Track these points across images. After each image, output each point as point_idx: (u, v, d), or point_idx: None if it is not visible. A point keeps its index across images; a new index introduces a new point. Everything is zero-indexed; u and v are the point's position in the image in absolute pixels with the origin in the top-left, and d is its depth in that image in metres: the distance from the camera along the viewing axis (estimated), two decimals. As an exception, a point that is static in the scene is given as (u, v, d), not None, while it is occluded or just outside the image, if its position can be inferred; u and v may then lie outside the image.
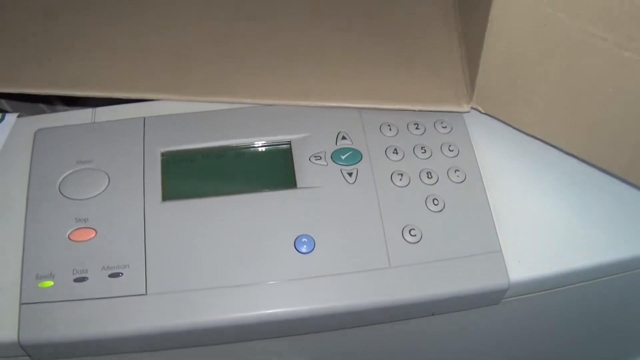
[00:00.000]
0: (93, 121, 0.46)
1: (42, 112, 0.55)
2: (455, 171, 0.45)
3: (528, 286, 0.43)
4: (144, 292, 0.40)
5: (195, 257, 0.41)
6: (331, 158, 0.45)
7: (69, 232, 0.41)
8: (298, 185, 0.44)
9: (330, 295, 0.40)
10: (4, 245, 0.41)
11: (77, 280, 0.40)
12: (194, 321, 0.39)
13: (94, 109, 0.47)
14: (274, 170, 0.45)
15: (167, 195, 0.43)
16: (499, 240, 0.43)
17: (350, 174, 0.44)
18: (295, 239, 0.41)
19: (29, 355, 0.40)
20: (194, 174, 0.44)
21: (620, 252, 0.43)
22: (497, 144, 0.47)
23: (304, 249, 0.41)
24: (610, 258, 0.43)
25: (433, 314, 0.43)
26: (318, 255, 0.41)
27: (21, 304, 0.39)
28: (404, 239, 0.42)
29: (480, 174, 0.45)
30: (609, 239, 0.43)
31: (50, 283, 0.40)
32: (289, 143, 0.45)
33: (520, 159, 0.46)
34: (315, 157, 0.45)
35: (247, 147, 0.45)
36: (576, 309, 0.49)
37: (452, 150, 0.46)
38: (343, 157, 0.44)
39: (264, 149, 0.45)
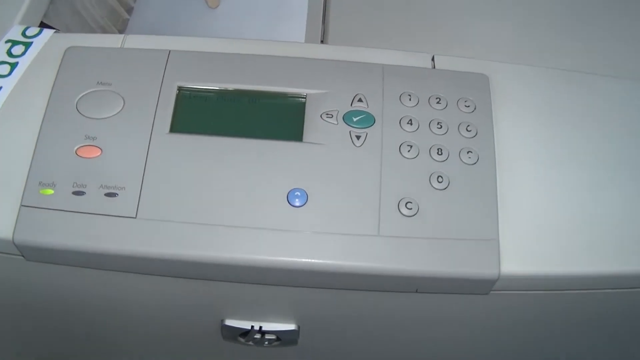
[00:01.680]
0: (122, 46, 0.47)
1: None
2: (467, 152, 0.43)
3: (520, 281, 0.41)
4: (134, 216, 0.41)
5: (189, 191, 0.41)
6: (343, 118, 0.44)
7: (76, 147, 0.43)
8: (304, 140, 0.43)
9: (313, 252, 0.40)
10: (16, 147, 0.43)
11: (75, 193, 0.41)
12: (176, 252, 0.40)
13: (125, 35, 0.48)
14: (284, 121, 0.44)
15: (175, 128, 0.43)
16: (498, 228, 0.41)
17: (358, 137, 0.43)
18: (289, 191, 0.41)
19: (22, 255, 0.42)
20: (205, 111, 0.44)
21: (624, 266, 0.40)
22: (520, 131, 0.44)
23: (296, 202, 0.41)
24: (613, 270, 0.40)
25: (417, 291, 0.42)
26: (308, 211, 0.41)
27: (21, 205, 0.41)
28: (399, 210, 0.41)
29: (495, 160, 0.43)
30: (616, 251, 0.41)
31: (50, 191, 0.41)
32: (305, 97, 0.45)
33: (541, 150, 0.44)
34: (327, 114, 0.44)
35: (263, 94, 0.45)
36: (570, 316, 0.47)
37: (469, 131, 0.44)
38: (355, 119, 0.44)
39: (278, 99, 0.45)
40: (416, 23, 0.57)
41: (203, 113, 0.44)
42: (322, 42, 0.57)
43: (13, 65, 0.46)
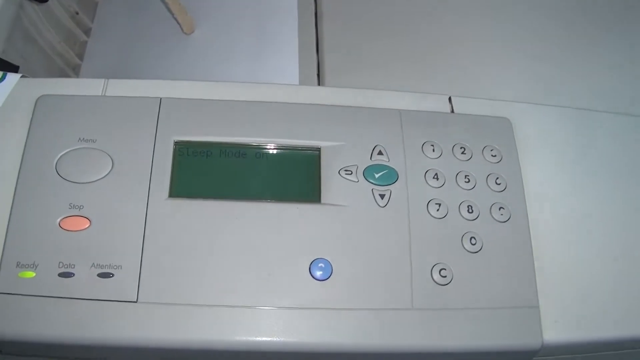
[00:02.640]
0: (104, 94, 0.41)
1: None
2: (499, 208, 0.40)
3: (562, 349, 0.38)
4: (135, 299, 0.35)
5: (197, 267, 0.36)
6: (363, 174, 0.39)
7: (60, 219, 0.36)
8: (322, 201, 0.39)
9: (341, 331, 0.36)
10: (-14, 223, 0.37)
11: (62, 275, 0.35)
12: (185, 339, 0.35)
13: (106, 80, 0.42)
14: (298, 179, 0.40)
15: (175, 192, 0.38)
16: (537, 294, 0.38)
17: (382, 196, 0.39)
18: (312, 263, 0.37)
19: (-1, 350, 0.36)
20: (209, 170, 0.39)
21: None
22: (550, 181, 0.41)
23: (319, 275, 0.37)
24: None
25: (452, 365, 0.39)
26: (334, 284, 0.37)
27: (-3, 293, 0.35)
28: (433, 278, 0.37)
29: (527, 215, 0.40)
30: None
31: (31, 274, 0.35)
32: (319, 150, 0.40)
33: (574, 202, 0.41)
34: (345, 170, 0.39)
35: (271, 147, 0.40)
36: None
37: (499, 184, 0.40)
38: (377, 176, 0.39)
39: (290, 152, 0.40)
40: (412, 57, 0.53)
41: (206, 172, 0.39)
42: (318, 76, 0.52)
43: None
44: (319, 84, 0.50)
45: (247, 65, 0.54)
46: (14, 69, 0.49)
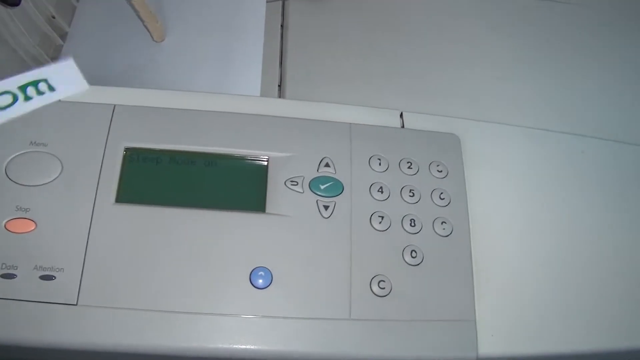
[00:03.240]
0: (58, 99, 0.42)
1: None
2: (442, 223, 0.40)
3: (498, 363, 0.39)
4: (74, 302, 0.36)
5: (139, 272, 0.37)
6: (309, 186, 0.40)
7: (5, 221, 0.37)
8: (267, 210, 0.39)
9: (278, 339, 0.36)
10: None
11: (4, 275, 0.36)
12: (121, 344, 0.35)
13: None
14: (245, 188, 0.40)
15: (121, 197, 0.39)
16: (474, 308, 0.39)
17: (326, 207, 0.40)
18: (252, 271, 0.37)
19: (-62, 348, 0.36)
20: (156, 177, 0.40)
21: (601, 344, 0.39)
22: (494, 197, 0.42)
23: (259, 283, 0.37)
24: (588, 347, 0.39)
25: (389, 376, 0.39)
26: (273, 293, 0.37)
27: (-63, 292, 0.35)
28: (371, 290, 0.38)
29: (469, 231, 0.41)
30: (594, 328, 0.39)
31: (-27, 275, 0.36)
32: (267, 161, 0.41)
33: (517, 218, 0.42)
34: (291, 181, 0.40)
35: (221, 156, 0.41)
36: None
37: (443, 199, 0.41)
38: (322, 187, 0.40)
39: (238, 161, 0.41)
40: (373, 73, 0.54)
41: (154, 179, 0.40)
42: (279, 87, 0.53)
43: None
44: (279, 96, 0.51)
45: (212, 75, 0.55)
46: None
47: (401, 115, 0.45)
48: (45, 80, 0.40)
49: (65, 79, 0.41)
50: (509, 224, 0.42)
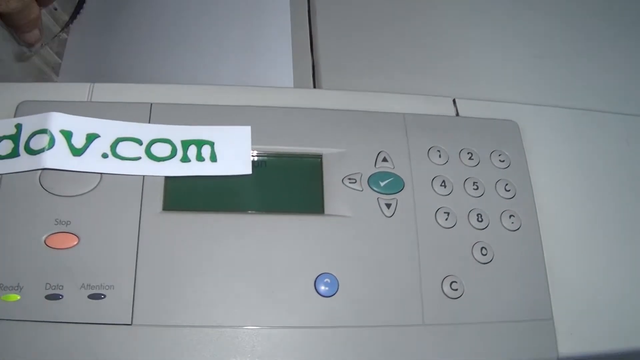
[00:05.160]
0: (89, 99, 0.38)
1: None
2: (510, 216, 0.38)
3: (577, 362, 0.37)
4: (129, 322, 0.33)
5: (195, 285, 0.34)
6: (368, 183, 0.37)
7: (45, 236, 0.34)
8: (326, 211, 0.37)
9: (349, 350, 0.34)
10: (-36, 241, 0.34)
11: (49, 297, 0.33)
12: (185, 364, 0.33)
13: (92, 84, 0.39)
14: (300, 188, 0.37)
15: (169, 204, 0.36)
16: (551, 305, 0.36)
17: (388, 205, 0.37)
18: (317, 278, 0.35)
19: (-19, 378, 0.33)
20: (205, 181, 0.37)
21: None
22: (560, 187, 0.40)
23: (325, 291, 0.35)
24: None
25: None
26: (340, 300, 0.35)
27: (-22, 318, 0.32)
28: (443, 292, 0.36)
29: (538, 223, 0.38)
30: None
31: (16, 297, 0.33)
32: (320, 157, 0.38)
33: (588, 210, 0.40)
34: (349, 179, 0.37)
35: (270, 155, 0.38)
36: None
37: (508, 190, 0.39)
38: (382, 184, 0.37)
39: (289, 160, 0.38)
40: (411, 56, 0.51)
41: (201, 183, 0.37)
42: (313, 77, 0.50)
43: None
44: (314, 86, 0.48)
45: (238, 68, 0.51)
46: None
47: (454, 102, 0.42)
48: (212, 145, 0.36)
49: (233, 150, 0.37)
50: (577, 215, 0.39)
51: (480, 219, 0.38)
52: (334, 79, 0.48)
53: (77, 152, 0.35)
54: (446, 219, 0.37)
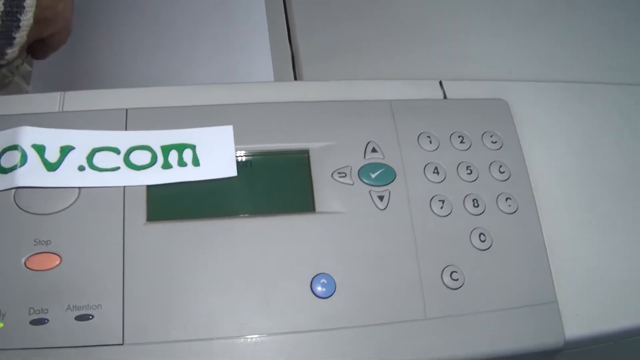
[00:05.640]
0: (61, 109, 0.37)
1: None
2: (506, 199, 0.37)
3: (585, 343, 0.36)
4: (121, 342, 0.31)
5: (187, 297, 0.32)
6: (358, 176, 0.36)
7: (25, 258, 0.32)
8: (317, 209, 0.35)
9: (352, 351, 0.33)
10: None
11: (34, 322, 0.31)
12: (182, 380, 0.31)
13: (62, 93, 0.37)
14: (288, 186, 0.36)
15: (153, 215, 0.34)
16: (554, 288, 0.35)
17: (381, 198, 0.36)
18: (312, 279, 0.33)
19: (-31, 411, 0.32)
20: (188, 187, 0.35)
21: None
22: (557, 165, 0.39)
23: (322, 292, 0.33)
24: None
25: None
26: (339, 301, 0.33)
27: (-40, 349, 0.31)
28: (444, 283, 0.35)
29: (535, 204, 0.37)
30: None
31: (-1, 324, 0.31)
32: (307, 152, 0.37)
33: (585, 187, 0.39)
34: (339, 173, 0.36)
35: (254, 154, 0.36)
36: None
37: (502, 172, 0.38)
38: (373, 176, 0.36)
39: (275, 157, 0.37)
40: (391, 38, 0.49)
41: (185, 189, 0.35)
42: (293, 68, 0.48)
43: None
44: (295, 78, 0.46)
45: (215, 66, 0.49)
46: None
47: (440, 84, 0.41)
48: (193, 148, 0.35)
49: (215, 152, 0.35)
50: (574, 192, 0.38)
51: (476, 204, 0.36)
52: (315, 70, 0.46)
53: (51, 166, 0.33)
54: (441, 207, 0.36)
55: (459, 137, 0.38)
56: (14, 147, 0.33)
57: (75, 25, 0.45)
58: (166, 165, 0.34)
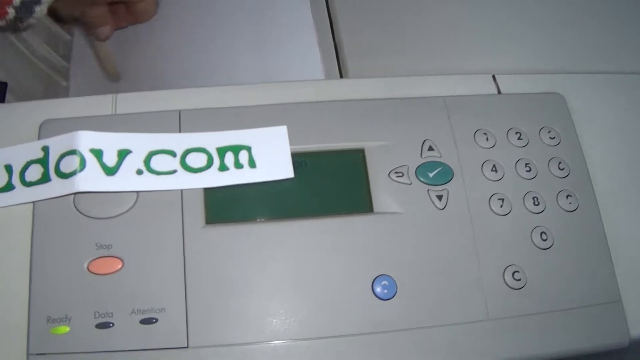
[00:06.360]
0: (114, 112, 0.37)
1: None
2: (567, 196, 0.36)
3: (649, 342, 0.35)
4: (185, 345, 0.31)
5: (249, 299, 0.32)
6: (416, 175, 0.36)
7: (87, 262, 0.32)
8: (375, 210, 0.35)
9: (415, 353, 0.32)
10: (5, 276, 0.32)
11: (99, 325, 0.31)
12: (247, 383, 0.31)
13: (114, 95, 0.37)
14: (345, 187, 0.36)
15: (211, 218, 0.34)
16: (618, 286, 0.35)
17: (439, 197, 0.35)
18: (374, 281, 0.33)
19: (37, 414, 0.32)
20: (245, 189, 0.35)
21: None
22: (617, 160, 0.38)
23: (383, 294, 0.33)
24: None
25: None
26: (400, 303, 0.33)
27: (29, 354, 0.31)
28: (506, 283, 0.34)
29: (596, 201, 0.36)
30: None
31: (65, 329, 0.31)
32: (362, 152, 0.36)
33: (642, 181, 0.38)
34: (396, 172, 0.36)
35: (310, 154, 0.36)
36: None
37: (562, 169, 0.37)
38: (431, 175, 0.36)
39: (330, 157, 0.36)
40: (437, 33, 0.48)
41: (242, 192, 0.35)
42: (338, 65, 0.47)
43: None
44: (340, 76, 0.46)
45: (261, 65, 0.48)
46: (2, 86, 0.44)
47: (494, 78, 0.40)
48: (249, 150, 0.34)
49: (271, 153, 0.35)
50: (636, 187, 0.37)
51: (536, 202, 0.36)
52: (360, 67, 0.45)
53: (110, 171, 0.33)
54: (501, 206, 0.35)
55: (516, 133, 0.37)
56: (73, 152, 0.33)
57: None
58: (223, 168, 0.34)
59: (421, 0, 0.49)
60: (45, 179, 0.33)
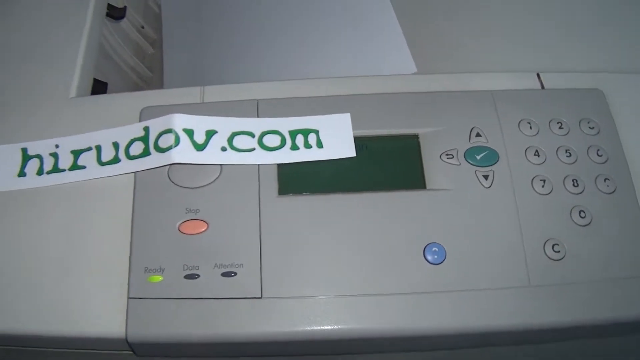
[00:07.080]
0: (202, 100, 0.43)
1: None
2: (604, 180, 0.39)
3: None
4: (259, 295, 0.36)
5: (314, 259, 0.37)
6: (464, 157, 0.40)
7: (179, 224, 0.38)
8: (427, 186, 0.39)
9: (462, 313, 0.36)
10: (111, 233, 0.38)
11: (187, 277, 0.37)
12: (312, 330, 0.36)
13: (202, 87, 0.43)
14: (401, 166, 0.40)
15: (284, 189, 0.39)
16: (654, 261, 0.38)
17: (486, 177, 0.39)
18: (425, 248, 0.37)
19: (132, 351, 0.38)
20: (312, 166, 0.40)
21: None
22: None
23: (434, 259, 0.37)
24: None
25: (572, 339, 0.39)
26: (449, 267, 0.37)
27: (129, 298, 0.36)
28: (546, 254, 0.37)
29: (633, 185, 0.40)
30: None
31: (159, 278, 0.37)
32: (417, 137, 0.41)
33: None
34: (447, 155, 0.40)
35: (371, 138, 0.41)
36: None
37: (600, 156, 0.40)
38: (478, 157, 0.40)
39: (388, 142, 0.41)
40: (487, 33, 0.52)
41: (310, 168, 0.40)
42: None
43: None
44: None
45: (346, 58, 0.53)
46: (104, 86, 0.51)
47: (538, 76, 0.44)
48: (317, 133, 0.40)
49: (336, 136, 0.40)
50: (671, 174, 0.40)
51: (575, 184, 0.39)
52: (420, 63, 0.50)
53: (199, 147, 0.39)
54: (542, 186, 0.39)
55: (558, 123, 0.41)
56: (169, 131, 0.39)
57: (211, 19, 0.50)
58: (294, 147, 0.39)
59: (478, 4, 0.54)
60: (146, 153, 0.39)
